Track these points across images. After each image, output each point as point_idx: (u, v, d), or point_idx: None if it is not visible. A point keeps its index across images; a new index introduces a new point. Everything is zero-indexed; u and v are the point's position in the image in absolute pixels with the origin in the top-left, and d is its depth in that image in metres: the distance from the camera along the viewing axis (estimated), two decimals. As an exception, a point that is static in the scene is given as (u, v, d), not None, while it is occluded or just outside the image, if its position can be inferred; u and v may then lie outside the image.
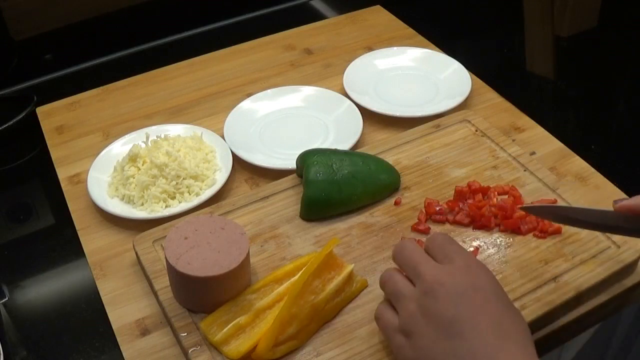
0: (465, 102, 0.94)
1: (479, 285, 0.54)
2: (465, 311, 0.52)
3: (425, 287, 0.55)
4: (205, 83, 1.03)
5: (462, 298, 0.53)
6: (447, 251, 0.58)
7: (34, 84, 1.14)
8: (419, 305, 0.54)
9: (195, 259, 0.63)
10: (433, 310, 0.53)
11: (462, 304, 0.53)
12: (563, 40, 1.25)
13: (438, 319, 0.53)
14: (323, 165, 0.76)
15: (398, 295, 0.57)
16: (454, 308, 0.53)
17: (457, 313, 0.52)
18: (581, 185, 0.82)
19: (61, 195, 0.85)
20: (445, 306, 0.53)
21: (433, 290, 0.54)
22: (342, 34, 1.13)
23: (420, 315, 0.54)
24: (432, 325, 0.53)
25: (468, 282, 0.54)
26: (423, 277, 0.55)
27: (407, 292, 0.56)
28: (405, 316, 0.55)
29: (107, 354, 0.69)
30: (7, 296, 0.77)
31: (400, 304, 0.57)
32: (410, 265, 0.58)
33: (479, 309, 0.53)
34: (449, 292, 0.54)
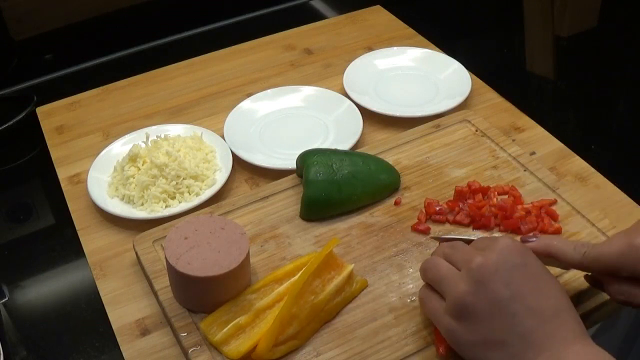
0: (465, 102, 0.94)
1: (525, 261, 0.55)
2: (517, 289, 0.53)
3: (473, 268, 0.54)
4: (205, 83, 1.03)
5: (511, 275, 0.53)
6: (489, 239, 0.58)
7: (34, 84, 1.14)
8: (469, 287, 0.54)
9: (195, 259, 0.63)
10: (484, 291, 0.53)
11: (513, 282, 0.53)
12: (563, 40, 1.25)
13: (491, 300, 0.53)
14: (323, 165, 0.76)
15: (443, 279, 0.57)
16: (504, 287, 0.53)
17: (510, 292, 0.53)
18: (581, 185, 0.82)
19: (61, 195, 0.85)
20: (497, 286, 0.53)
21: (481, 270, 0.54)
22: (342, 34, 1.13)
23: (471, 296, 0.54)
24: (484, 306, 0.53)
25: (515, 259, 0.54)
26: (471, 260, 0.55)
27: (453, 275, 0.56)
28: (455, 298, 0.55)
29: (107, 354, 0.69)
30: (7, 296, 0.77)
31: (447, 287, 0.56)
32: (456, 255, 0.58)
33: (531, 286, 0.53)
34: (498, 270, 0.54)
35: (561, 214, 0.74)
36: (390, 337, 0.63)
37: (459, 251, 0.58)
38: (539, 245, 0.60)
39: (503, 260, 0.54)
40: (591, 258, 0.57)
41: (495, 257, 0.55)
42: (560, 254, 0.59)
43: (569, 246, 0.59)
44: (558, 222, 0.73)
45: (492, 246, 0.56)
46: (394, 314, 0.65)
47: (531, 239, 0.61)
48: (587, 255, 0.58)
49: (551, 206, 0.75)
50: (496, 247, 0.56)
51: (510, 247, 0.55)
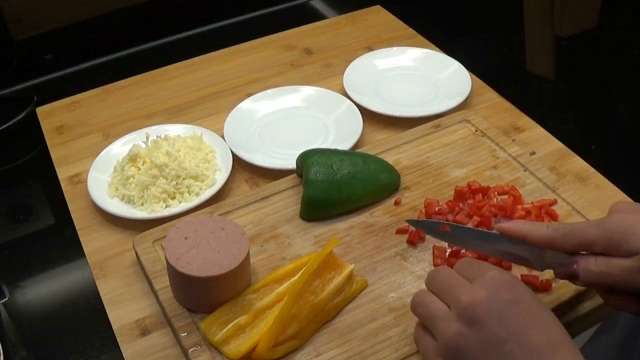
0: (465, 102, 0.94)
1: (517, 296, 0.52)
2: (511, 328, 0.50)
3: (464, 308, 0.52)
4: (205, 83, 1.03)
5: (504, 313, 0.51)
6: (476, 268, 0.55)
7: (34, 84, 1.14)
8: (460, 327, 0.51)
9: (195, 259, 0.63)
10: (477, 332, 0.51)
11: (507, 321, 0.50)
12: (563, 40, 1.25)
13: (484, 341, 0.50)
14: (323, 165, 0.76)
15: (433, 318, 0.54)
16: (498, 327, 0.50)
17: (504, 332, 0.50)
18: (581, 185, 0.82)
19: (61, 195, 0.85)
20: (491, 326, 0.50)
21: (472, 311, 0.51)
22: (342, 34, 1.13)
23: (463, 339, 0.51)
24: (478, 349, 0.50)
25: (507, 295, 0.52)
26: (459, 298, 0.52)
27: (442, 315, 0.53)
28: (446, 341, 0.52)
29: (107, 354, 0.69)
30: (7, 296, 0.77)
31: (436, 328, 0.54)
32: (444, 289, 0.55)
33: (525, 323, 0.51)
34: (490, 309, 0.51)
35: (561, 214, 0.74)
36: (390, 337, 0.63)
37: (446, 284, 0.55)
38: (510, 226, 0.58)
39: (494, 297, 0.52)
40: (565, 232, 0.55)
41: (485, 293, 0.52)
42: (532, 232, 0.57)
43: (541, 225, 0.57)
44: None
45: (481, 279, 0.53)
46: (394, 314, 0.65)
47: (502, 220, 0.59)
48: (560, 229, 0.56)
49: (551, 206, 0.75)
50: (485, 280, 0.53)
51: (501, 280, 0.53)
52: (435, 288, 0.56)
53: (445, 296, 0.55)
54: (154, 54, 1.21)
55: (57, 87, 1.13)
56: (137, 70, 1.06)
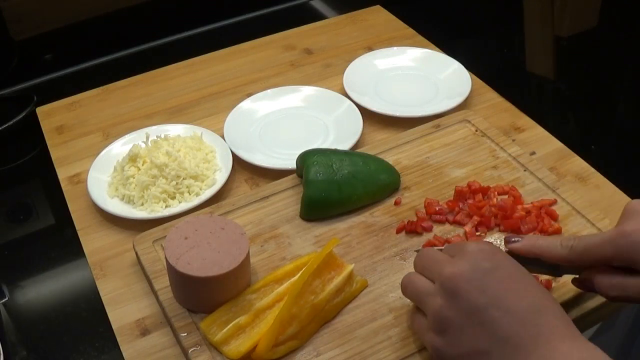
0: (465, 102, 0.94)
1: (496, 263, 0.53)
2: (492, 294, 0.51)
3: (445, 280, 0.53)
4: (205, 83, 1.03)
5: (484, 281, 0.52)
6: (458, 245, 0.57)
7: (34, 84, 1.14)
8: (444, 300, 0.53)
9: (195, 259, 0.63)
10: (459, 301, 0.52)
11: (487, 287, 0.52)
12: (563, 40, 1.25)
13: (467, 309, 0.51)
14: (323, 165, 0.76)
15: (420, 295, 0.56)
16: (479, 294, 0.51)
17: (485, 298, 0.51)
18: (581, 185, 0.82)
19: (61, 195, 0.85)
20: (471, 295, 0.51)
21: (454, 281, 0.53)
22: (342, 34, 1.13)
23: (448, 309, 0.52)
24: (463, 317, 0.52)
25: (486, 264, 0.53)
26: (441, 272, 0.54)
27: (427, 290, 0.55)
28: (433, 314, 0.54)
29: (107, 354, 0.69)
30: (7, 296, 0.77)
31: (424, 304, 0.55)
32: (428, 267, 0.57)
33: (506, 288, 0.51)
34: (470, 278, 0.52)
35: (561, 214, 0.74)
36: (390, 337, 0.63)
37: (430, 261, 0.57)
38: (523, 246, 0.58)
39: (474, 266, 0.53)
40: (579, 251, 0.56)
41: (466, 264, 0.53)
42: (546, 251, 0.57)
43: (554, 243, 0.57)
44: (558, 222, 0.73)
45: (461, 253, 0.54)
46: (394, 314, 0.65)
47: (514, 239, 0.59)
48: (575, 248, 0.56)
49: (551, 206, 0.75)
50: (465, 253, 0.54)
51: (480, 251, 0.54)
52: (421, 268, 0.58)
53: (430, 273, 0.56)
54: (154, 54, 1.21)
55: (57, 87, 1.12)
56: (137, 70, 1.06)
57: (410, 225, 0.73)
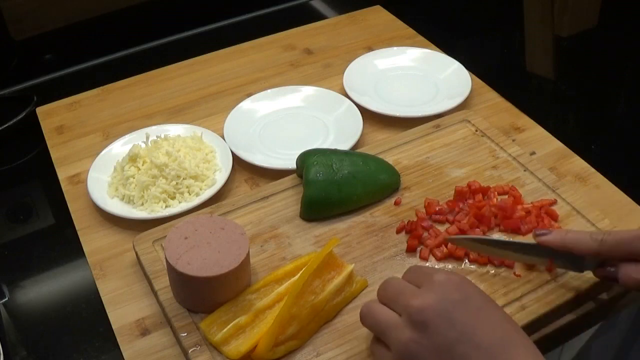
0: (465, 102, 0.94)
1: (466, 295, 0.52)
2: (462, 328, 0.50)
3: (413, 313, 0.51)
4: (205, 83, 1.03)
5: (454, 314, 0.51)
6: (422, 272, 0.55)
7: (34, 84, 1.14)
8: (412, 333, 0.51)
9: (195, 259, 0.63)
10: (428, 335, 0.50)
11: (456, 321, 0.50)
12: (563, 40, 1.25)
13: (436, 344, 0.50)
14: (323, 165, 0.76)
15: (383, 327, 0.54)
16: (449, 328, 0.50)
17: (455, 333, 0.50)
18: (581, 185, 0.82)
19: (61, 195, 0.85)
20: (442, 329, 0.50)
21: (422, 314, 0.51)
22: (342, 34, 1.13)
23: (415, 343, 0.51)
24: (432, 351, 0.50)
25: (455, 295, 0.52)
26: (408, 304, 0.52)
27: (392, 322, 0.53)
28: (398, 348, 0.52)
29: (107, 354, 0.69)
30: (7, 296, 0.77)
31: (388, 337, 0.53)
32: (394, 297, 0.55)
33: (475, 321, 0.50)
34: (440, 311, 0.51)
35: (561, 214, 0.74)
36: (390, 337, 0.63)
37: (395, 291, 0.55)
38: (553, 238, 0.59)
39: (443, 298, 0.51)
40: (610, 244, 0.56)
41: (434, 295, 0.52)
42: (575, 244, 0.58)
43: (584, 235, 0.58)
44: (558, 222, 0.73)
45: (428, 283, 0.53)
46: (394, 314, 0.65)
47: (543, 232, 0.60)
48: (606, 241, 0.57)
49: (551, 206, 0.75)
50: (433, 284, 0.53)
51: (448, 281, 0.53)
52: (384, 298, 0.56)
53: (394, 304, 0.54)
54: (154, 54, 1.21)
55: (57, 87, 1.12)
56: (137, 70, 1.06)
57: (410, 225, 0.73)
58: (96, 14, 1.22)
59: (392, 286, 0.56)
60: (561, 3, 1.27)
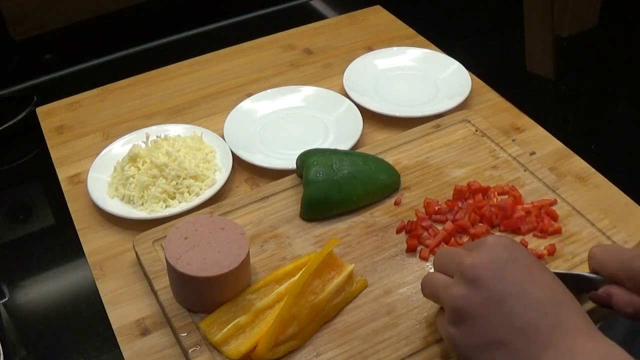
0: (465, 102, 0.94)
1: (516, 255, 0.53)
2: (512, 283, 0.51)
3: (465, 270, 0.53)
4: (205, 83, 1.03)
5: (504, 271, 0.51)
6: (477, 240, 0.57)
7: (34, 84, 1.14)
8: (463, 289, 0.52)
9: (195, 259, 0.63)
10: (478, 290, 0.51)
11: (507, 277, 0.51)
12: (563, 40, 1.25)
13: (486, 299, 0.51)
14: (323, 165, 0.76)
15: (438, 289, 0.56)
16: (499, 283, 0.51)
17: (505, 288, 0.51)
18: (581, 185, 0.82)
19: (61, 195, 0.85)
20: (491, 284, 0.51)
21: (474, 270, 0.52)
22: (342, 34, 1.13)
23: (466, 299, 0.52)
24: (481, 307, 0.51)
25: (505, 255, 0.53)
26: (461, 263, 0.53)
27: (446, 283, 0.55)
28: (450, 305, 0.53)
29: (107, 354, 0.69)
30: (7, 296, 0.77)
31: (442, 298, 0.55)
32: (447, 263, 0.56)
33: (525, 279, 0.51)
34: (490, 268, 0.52)
35: (561, 214, 0.74)
36: (390, 337, 0.63)
37: (449, 257, 0.56)
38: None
39: (493, 257, 0.53)
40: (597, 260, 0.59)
41: (486, 254, 0.53)
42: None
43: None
44: (558, 222, 0.73)
45: (481, 245, 0.54)
46: (394, 314, 0.65)
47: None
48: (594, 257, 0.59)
49: (551, 206, 0.75)
50: (484, 245, 0.54)
51: (499, 243, 0.54)
52: (439, 266, 0.58)
53: (448, 268, 0.56)
54: (154, 54, 1.21)
55: (57, 87, 1.12)
56: (137, 70, 1.06)
57: (410, 225, 0.73)
58: (96, 14, 1.22)
59: (445, 253, 0.58)
60: (561, 3, 1.27)
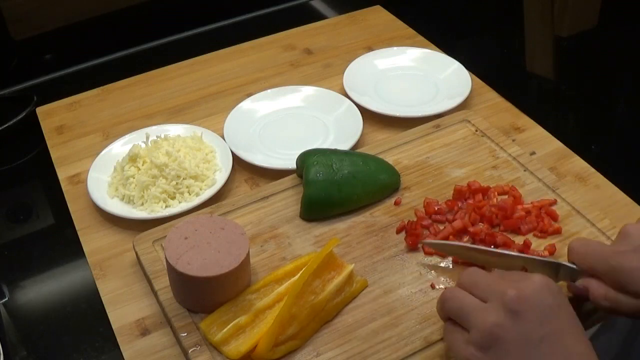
0: (465, 102, 0.94)
1: (559, 303, 0.53)
2: (550, 330, 0.51)
3: (508, 301, 0.52)
4: (205, 83, 1.03)
5: (546, 316, 0.51)
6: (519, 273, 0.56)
7: (34, 84, 1.14)
8: (501, 318, 0.52)
9: (195, 259, 0.63)
10: (518, 324, 0.51)
11: (547, 322, 0.51)
12: (563, 40, 1.25)
13: (524, 334, 0.51)
14: (323, 165, 0.76)
15: (467, 309, 0.54)
16: (539, 325, 0.51)
17: (543, 331, 0.51)
18: (581, 185, 0.82)
19: (61, 195, 0.85)
20: (532, 322, 0.51)
21: (517, 303, 0.51)
22: (342, 34, 1.13)
23: (502, 328, 0.51)
24: (517, 340, 0.51)
25: (551, 300, 0.52)
26: (505, 291, 0.52)
27: (478, 307, 0.54)
28: (484, 328, 0.52)
29: (107, 354, 0.69)
30: (7, 296, 0.77)
31: (471, 319, 0.53)
32: (484, 285, 0.55)
33: (565, 329, 0.52)
34: (535, 307, 0.51)
35: (561, 214, 0.74)
36: (390, 337, 0.63)
37: (487, 280, 0.55)
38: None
39: (539, 297, 0.52)
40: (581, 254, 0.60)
41: (532, 291, 0.52)
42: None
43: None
44: (558, 222, 0.73)
45: (527, 281, 0.53)
46: (394, 314, 0.65)
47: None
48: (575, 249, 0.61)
49: (551, 206, 0.75)
50: (531, 282, 0.53)
51: (547, 285, 0.53)
52: (470, 285, 0.56)
53: (483, 292, 0.55)
54: (154, 54, 1.21)
55: (57, 87, 1.12)
56: (137, 70, 1.06)
57: (410, 225, 0.73)
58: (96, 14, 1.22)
59: (481, 276, 0.56)
60: (561, 3, 1.27)
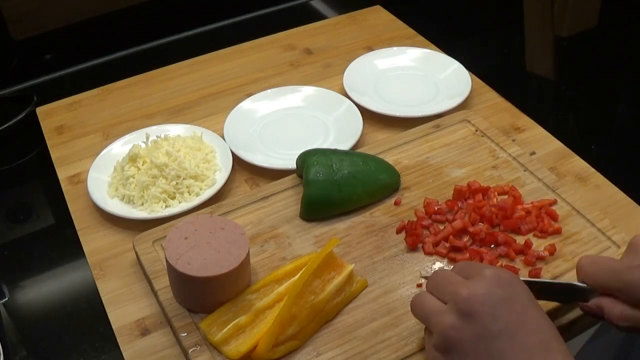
0: (465, 102, 0.94)
1: (512, 293, 0.53)
2: (504, 325, 0.51)
3: (460, 301, 0.52)
4: (205, 83, 1.03)
5: (499, 310, 0.51)
6: (474, 267, 0.56)
7: (34, 84, 1.14)
8: (456, 319, 0.52)
9: (195, 259, 0.63)
10: (471, 324, 0.51)
11: (500, 317, 0.51)
12: (563, 40, 1.25)
13: (477, 334, 0.51)
14: (323, 165, 0.76)
15: (429, 313, 0.55)
16: (492, 321, 0.51)
17: (497, 327, 0.51)
18: (581, 185, 0.82)
19: (61, 195, 0.85)
20: (484, 320, 0.51)
21: (468, 303, 0.52)
22: (342, 34, 1.13)
23: (457, 329, 0.52)
24: (471, 340, 0.51)
25: (502, 293, 0.52)
26: (456, 292, 0.53)
27: (438, 309, 0.54)
28: (441, 331, 0.53)
29: (107, 354, 0.69)
30: (7, 296, 0.77)
31: (433, 322, 0.54)
32: (441, 287, 0.56)
33: (519, 320, 0.51)
34: (485, 303, 0.51)
35: (561, 214, 0.74)
36: (390, 337, 0.63)
37: (444, 282, 0.56)
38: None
39: (490, 292, 0.52)
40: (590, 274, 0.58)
41: (482, 288, 0.52)
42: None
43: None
44: (558, 222, 0.73)
45: (478, 276, 0.54)
46: (394, 314, 0.65)
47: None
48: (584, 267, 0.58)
49: (551, 206, 0.75)
50: (482, 277, 0.53)
51: (498, 277, 0.53)
52: (433, 288, 0.57)
53: (442, 293, 0.55)
54: (154, 54, 1.21)
55: (57, 87, 1.12)
56: (137, 70, 1.06)
57: (410, 225, 0.73)
58: (96, 14, 1.22)
59: (441, 277, 0.57)
60: (561, 3, 1.27)
